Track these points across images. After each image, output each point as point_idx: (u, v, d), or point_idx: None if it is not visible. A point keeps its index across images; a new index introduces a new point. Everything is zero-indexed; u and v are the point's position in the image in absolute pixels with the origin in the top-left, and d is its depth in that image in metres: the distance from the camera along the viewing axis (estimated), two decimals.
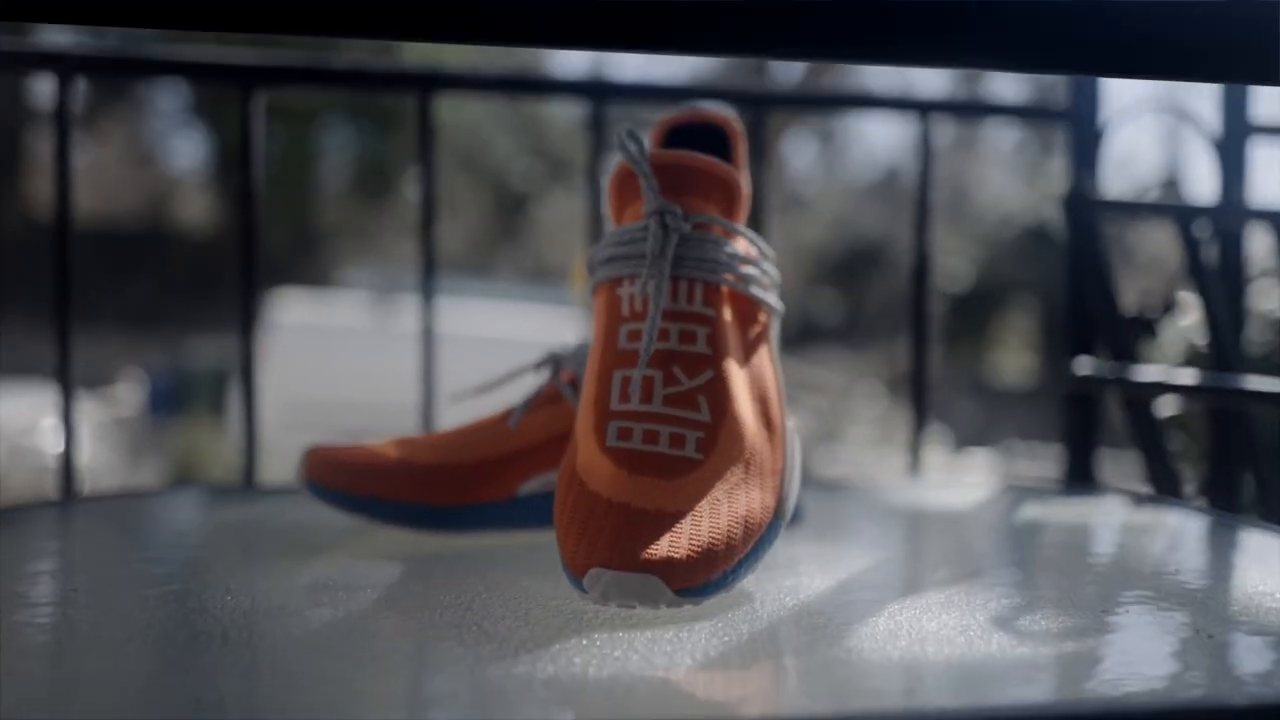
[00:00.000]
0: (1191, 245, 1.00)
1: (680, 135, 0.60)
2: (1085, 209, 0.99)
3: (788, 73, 8.86)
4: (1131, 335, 1.00)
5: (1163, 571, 0.56)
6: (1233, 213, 1.04)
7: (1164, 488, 0.88)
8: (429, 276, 0.98)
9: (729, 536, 0.46)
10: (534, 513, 0.59)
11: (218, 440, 5.29)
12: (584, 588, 0.43)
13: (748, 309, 0.54)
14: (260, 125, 0.93)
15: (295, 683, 0.35)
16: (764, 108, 0.99)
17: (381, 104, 10.27)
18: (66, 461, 0.89)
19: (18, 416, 6.12)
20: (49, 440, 6.39)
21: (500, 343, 6.84)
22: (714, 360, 0.51)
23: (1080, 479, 0.95)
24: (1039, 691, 0.36)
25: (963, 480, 0.83)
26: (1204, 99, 1.11)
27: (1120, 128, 1.08)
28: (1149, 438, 0.88)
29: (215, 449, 5.02)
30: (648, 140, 0.58)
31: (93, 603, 0.45)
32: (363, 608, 0.46)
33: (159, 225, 11.59)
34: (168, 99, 11.81)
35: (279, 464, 0.91)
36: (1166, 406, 1.08)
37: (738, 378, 0.51)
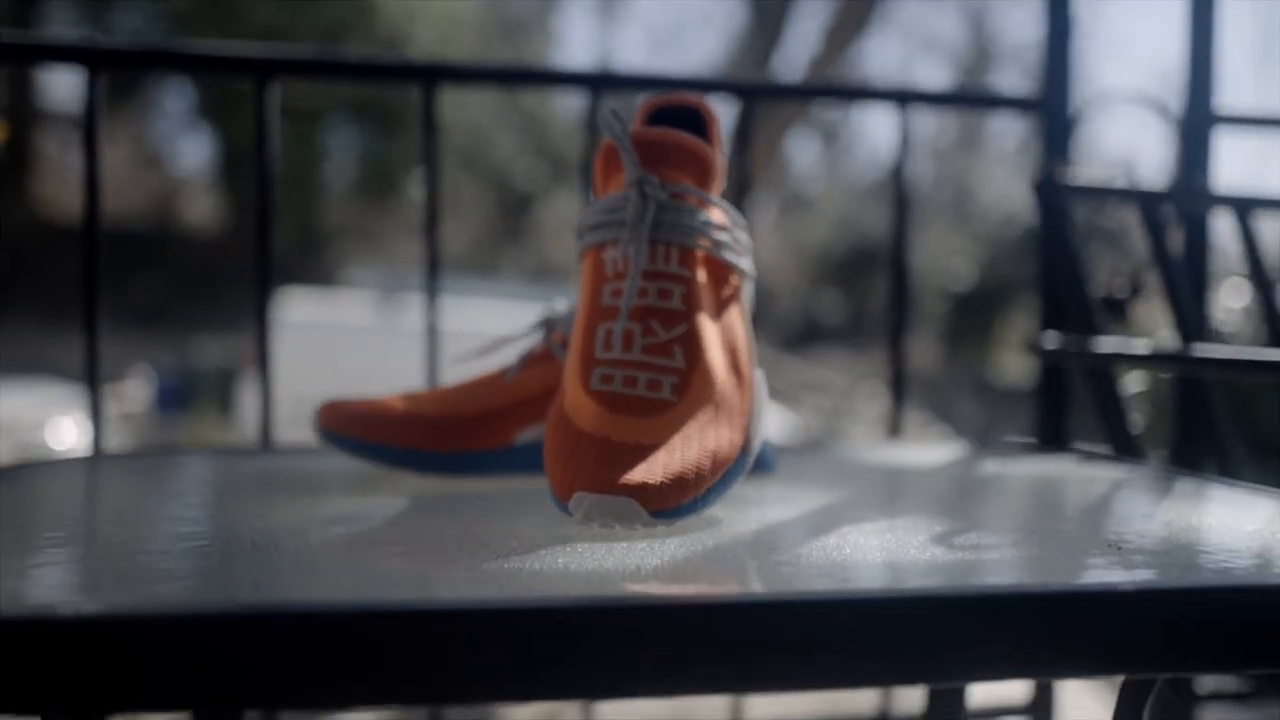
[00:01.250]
0: (1155, 229, 1.06)
1: (660, 117, 0.66)
2: (1055, 194, 1.05)
3: (789, 72, 8.92)
4: (1100, 314, 1.06)
5: (1095, 507, 0.62)
6: (1196, 197, 1.09)
7: (1122, 448, 0.93)
8: (433, 263, 1.04)
9: (699, 467, 0.51)
10: (529, 460, 0.65)
11: (225, 436, 5.35)
12: (569, 510, 0.49)
13: (720, 272, 0.60)
14: (275, 115, 0.99)
15: (318, 575, 0.41)
16: (753, 98, 1.05)
17: (385, 105, 10.35)
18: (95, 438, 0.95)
19: (25, 413, 6.19)
20: (55, 437, 6.46)
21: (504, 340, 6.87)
22: (688, 315, 0.57)
23: (1051, 442, 1.01)
24: (942, 581, 0.42)
25: (936, 442, 0.87)
26: (1171, 89, 1.16)
27: (1091, 117, 1.14)
28: (1108, 403, 0.93)
29: (220, 430, 5.08)
30: (631, 121, 0.63)
31: (130, 526, 0.51)
32: (373, 528, 0.52)
33: (165, 225, 11.68)
34: (174, 100, 11.89)
35: None
36: (1134, 383, 1.14)
37: (710, 331, 0.57)
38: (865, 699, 1.22)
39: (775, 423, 7.76)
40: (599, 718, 1.10)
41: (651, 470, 0.50)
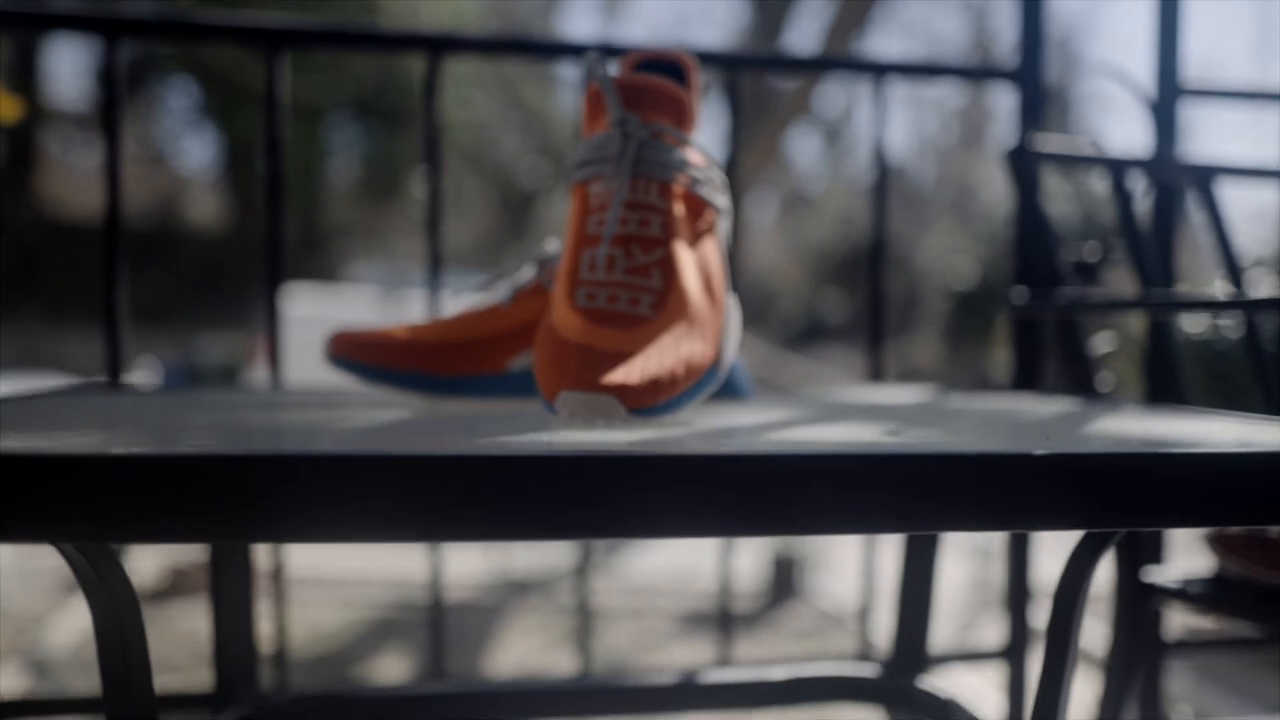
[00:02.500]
0: (1122, 194, 1.11)
1: (644, 67, 0.71)
2: (1027, 160, 1.10)
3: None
4: (1071, 275, 1.11)
5: (1043, 421, 0.67)
6: (1164, 165, 1.14)
7: (1084, 391, 0.99)
8: (435, 231, 1.09)
9: (674, 372, 0.57)
10: (521, 385, 0.70)
11: None
12: (555, 409, 0.55)
13: (697, 206, 0.66)
14: (285, 84, 1.05)
15: (318, 441, 0.47)
16: (737, 68, 1.10)
17: (388, 103, 10.41)
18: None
19: None
20: None
21: None
22: (665, 242, 0.62)
23: (1024, 387, 1.06)
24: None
25: (912, 387, 0.92)
26: (1140, 63, 1.21)
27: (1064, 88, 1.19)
28: (1072, 350, 0.99)
29: None
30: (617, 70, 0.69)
31: (150, 426, 0.56)
32: (378, 427, 0.57)
33: (170, 223, 11.75)
34: (177, 99, 11.96)
35: None
36: (1105, 342, 1.19)
37: (686, 257, 0.63)
38: (845, 642, 1.27)
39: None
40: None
41: (630, 372, 0.55)
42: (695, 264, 0.63)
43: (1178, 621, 4.32)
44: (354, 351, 0.69)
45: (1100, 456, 0.44)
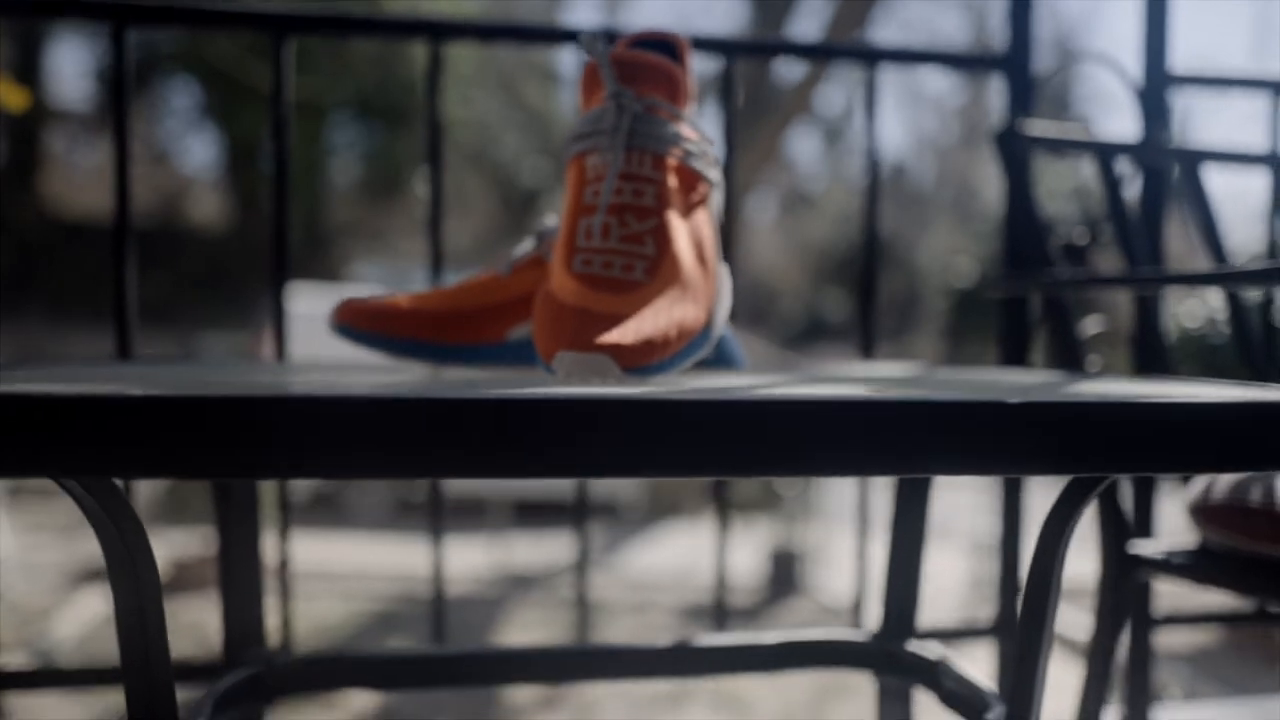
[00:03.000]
0: (1110, 179, 1.13)
1: (639, 46, 0.73)
2: (1015, 143, 1.12)
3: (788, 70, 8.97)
4: (1060, 258, 1.13)
5: (1027, 386, 0.69)
6: (1151, 150, 1.17)
7: (1068, 364, 1.01)
8: (438, 218, 1.11)
9: (667, 333, 0.59)
10: (520, 354, 0.73)
11: None
12: (553, 369, 0.57)
13: (690, 179, 0.68)
14: (290, 70, 1.07)
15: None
16: (732, 54, 1.12)
17: (390, 103, 10.43)
18: None
19: None
20: None
21: None
22: (659, 211, 0.64)
23: (1013, 363, 1.08)
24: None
25: (901, 361, 0.94)
26: (1128, 51, 1.24)
27: (1053, 74, 1.22)
28: (1058, 326, 1.01)
29: None
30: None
31: (159, 382, 0.59)
32: (379, 384, 0.60)
33: (172, 223, 11.78)
34: (180, 99, 12.00)
35: None
36: (1093, 324, 1.21)
37: (679, 226, 0.65)
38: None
39: None
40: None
41: (624, 333, 0.57)
42: (688, 233, 0.66)
43: (1181, 641, 4.33)
44: (358, 320, 0.72)
45: (1080, 404, 0.46)
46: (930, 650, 0.80)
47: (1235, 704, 1.40)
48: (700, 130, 0.69)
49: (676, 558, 5.97)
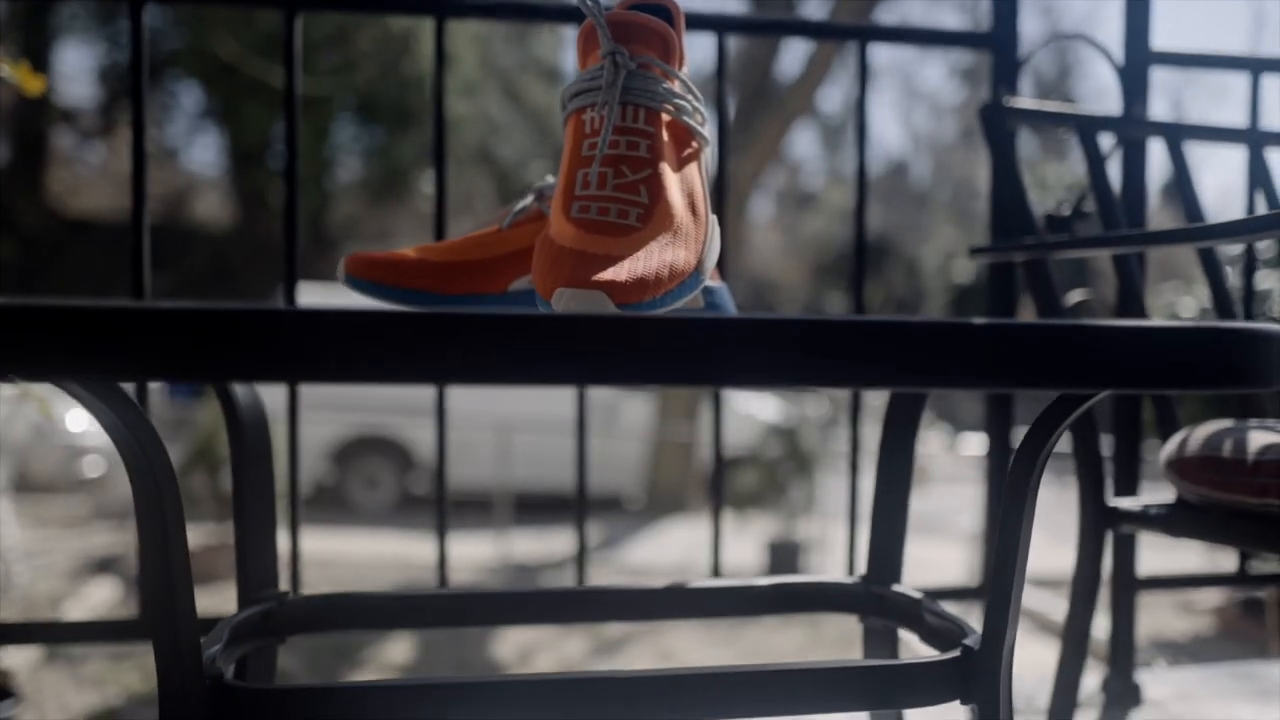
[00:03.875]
0: (1092, 152, 1.17)
1: (635, 9, 0.77)
2: (1001, 117, 1.16)
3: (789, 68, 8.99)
4: (1044, 227, 1.17)
5: None
6: (1132, 124, 1.20)
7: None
8: (441, 191, 1.15)
9: (658, 273, 0.63)
10: (521, 304, 0.76)
11: None
12: (551, 305, 0.61)
13: (682, 134, 0.72)
14: (299, 45, 1.11)
15: None
16: (724, 31, 1.16)
17: (393, 103, 10.49)
18: None
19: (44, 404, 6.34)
20: (72, 421, 6.58)
21: None
22: (652, 163, 0.68)
23: None
24: None
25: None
26: (1111, 30, 1.28)
27: (1037, 52, 1.26)
28: (1042, 295, 1.05)
29: None
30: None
31: None
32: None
33: (177, 222, 11.84)
34: (185, 99, 12.06)
35: None
36: (1076, 295, 1.25)
37: (671, 177, 0.69)
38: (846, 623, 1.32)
39: (771, 407, 7.91)
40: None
41: (619, 271, 0.61)
42: (679, 184, 0.69)
43: (1175, 627, 4.35)
44: (366, 271, 0.76)
45: (1054, 327, 0.50)
46: (913, 593, 0.83)
47: (1216, 668, 1.44)
48: (693, 90, 0.73)
49: (677, 552, 6.01)
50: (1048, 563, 2.79)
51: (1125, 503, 1.01)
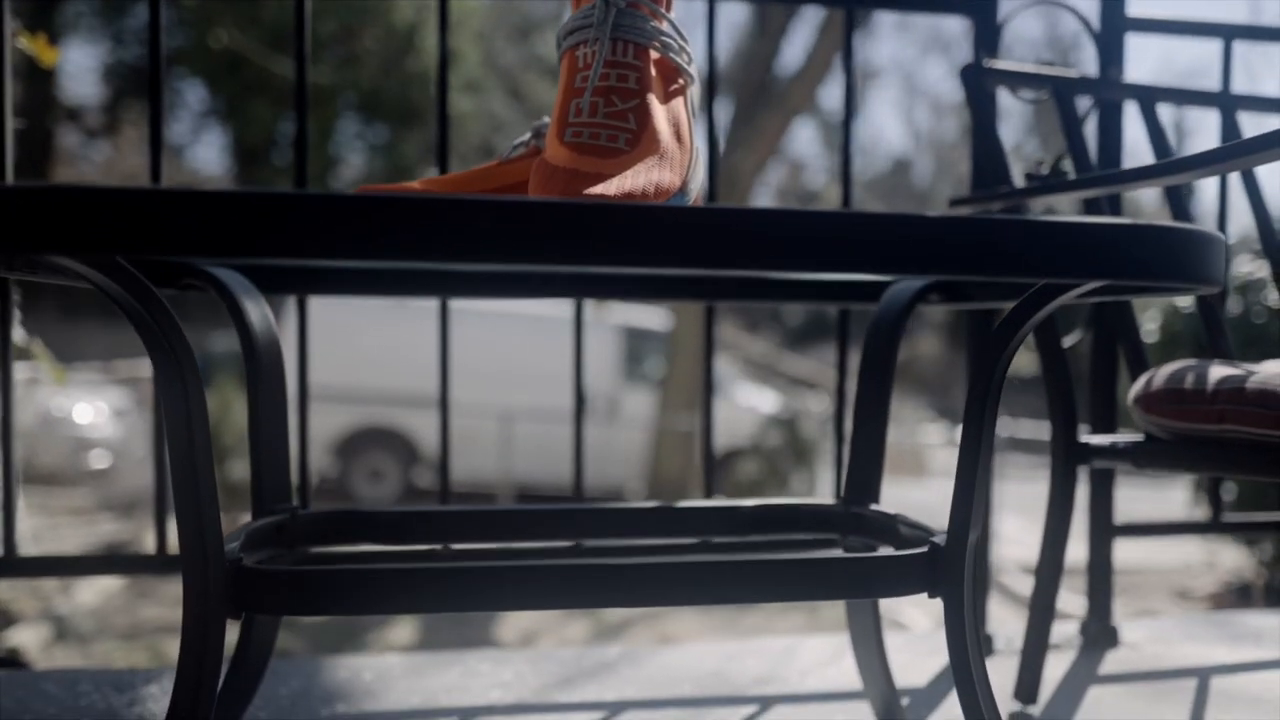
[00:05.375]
0: (1068, 113, 1.22)
1: None
2: (980, 78, 1.21)
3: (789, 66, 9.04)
4: (1025, 184, 1.22)
5: None
6: (1107, 85, 1.25)
7: None
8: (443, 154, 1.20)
9: (645, 190, 0.68)
10: None
11: (241, 409, 5.54)
12: None
13: (669, 72, 0.77)
14: (309, 20, 1.16)
15: None
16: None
17: (396, 100, 10.55)
18: None
19: (51, 395, 6.42)
20: (79, 414, 6.65)
21: (516, 318, 7.07)
22: (640, 94, 0.73)
23: None
24: None
25: None
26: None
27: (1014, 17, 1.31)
28: None
29: (240, 409, 5.30)
30: None
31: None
32: None
33: None
34: (190, 98, 12.13)
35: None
36: None
37: (658, 108, 0.74)
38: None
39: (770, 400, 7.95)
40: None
41: (608, 187, 0.66)
42: (666, 114, 0.74)
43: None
44: None
45: (1035, 220, 0.55)
46: (889, 510, 0.88)
47: (1193, 616, 1.48)
48: (680, 32, 0.78)
49: None
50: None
51: (1095, 439, 1.06)
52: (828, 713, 1.08)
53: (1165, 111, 1.24)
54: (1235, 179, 1.26)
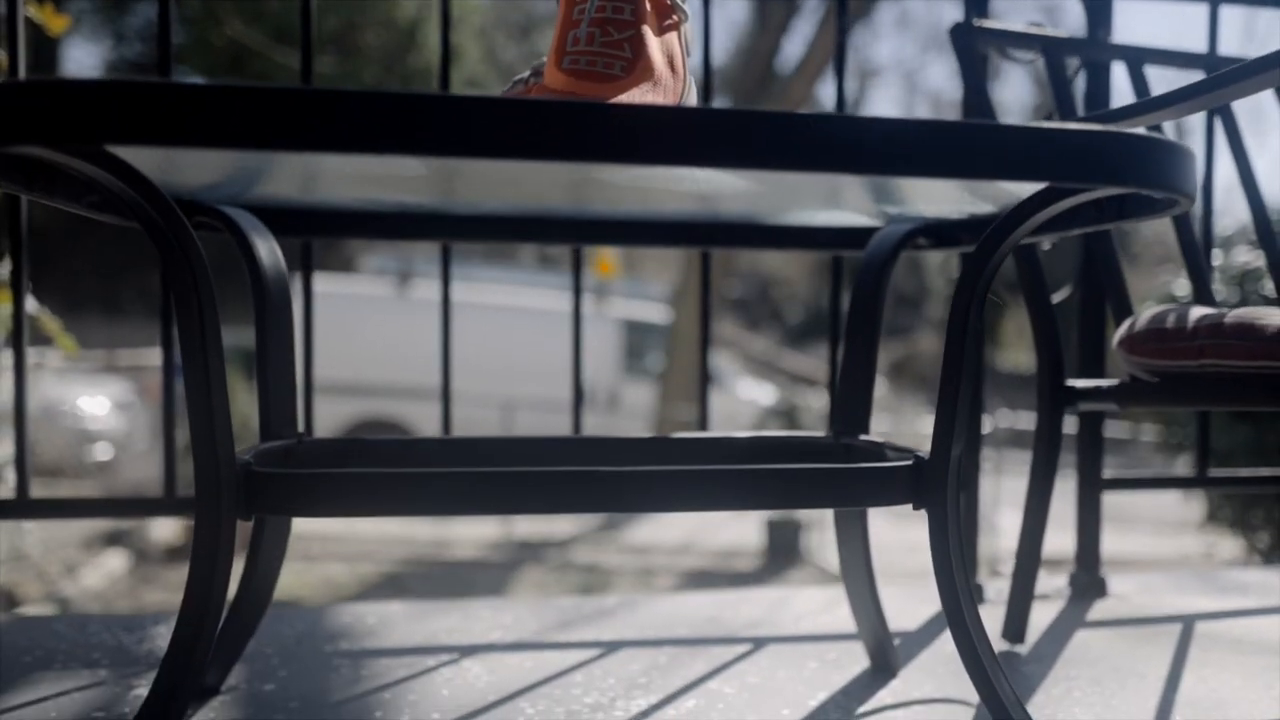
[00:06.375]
0: (1057, 73, 1.25)
1: None
2: (970, 37, 1.24)
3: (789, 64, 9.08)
4: None
5: None
6: (1095, 46, 1.28)
7: None
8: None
9: None
10: None
11: (249, 394, 5.59)
12: None
13: (663, 8, 0.80)
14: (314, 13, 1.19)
15: None
16: None
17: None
18: None
19: (54, 389, 6.45)
20: (84, 408, 6.68)
21: (517, 311, 7.10)
22: (635, 25, 0.76)
23: None
24: None
25: None
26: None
27: None
28: None
29: (248, 399, 5.35)
30: None
31: None
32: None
33: None
34: None
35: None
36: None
37: (652, 39, 0.77)
38: None
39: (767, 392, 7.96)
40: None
41: None
42: (660, 46, 0.77)
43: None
44: None
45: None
46: (877, 438, 0.91)
47: (1181, 570, 1.51)
48: None
49: (679, 533, 6.08)
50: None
51: (1080, 382, 1.08)
52: (820, 651, 1.10)
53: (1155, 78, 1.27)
54: (1233, 176, 1.27)
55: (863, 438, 0.93)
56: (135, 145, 0.53)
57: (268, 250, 0.89)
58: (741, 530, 5.54)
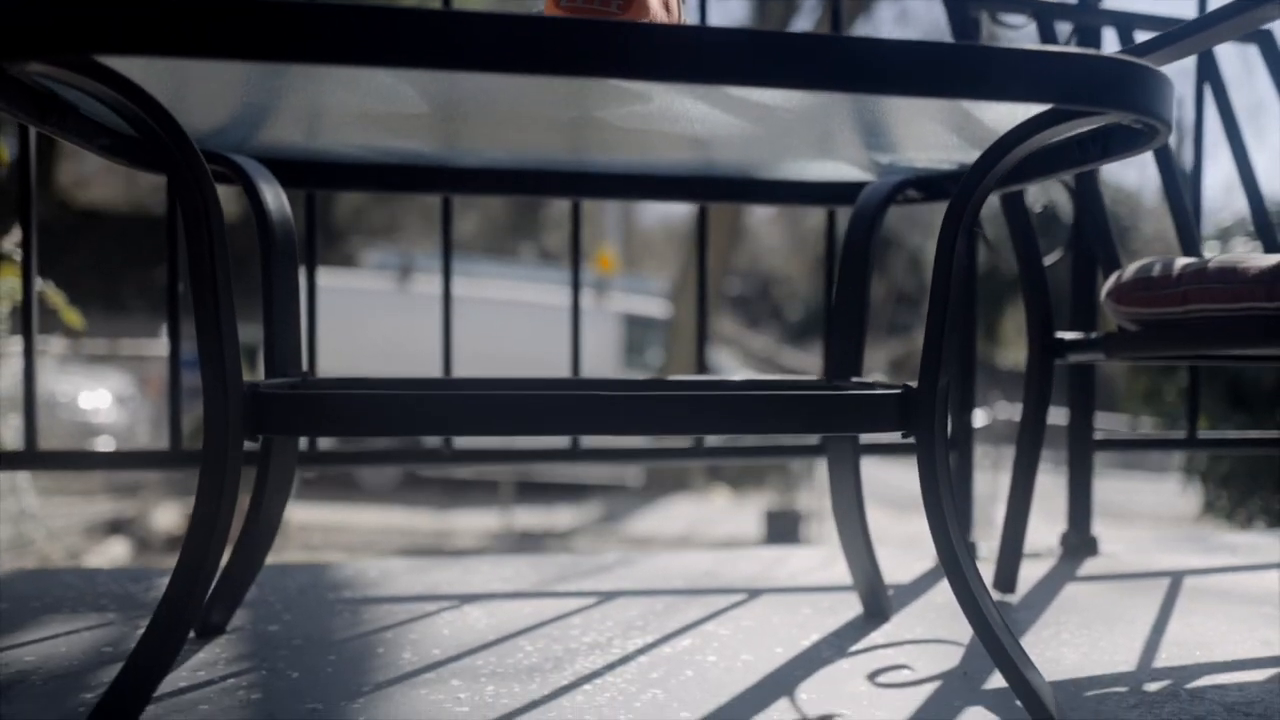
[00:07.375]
0: (1048, 37, 1.27)
1: None
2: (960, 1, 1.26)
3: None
4: None
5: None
6: (1086, 12, 1.30)
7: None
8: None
9: None
10: None
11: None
12: None
13: None
14: None
15: None
16: None
17: None
18: None
19: (55, 381, 6.48)
20: (87, 403, 6.71)
21: (518, 305, 7.12)
22: None
23: None
24: None
25: None
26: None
27: None
28: None
29: None
30: None
31: None
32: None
33: None
34: None
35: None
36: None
37: None
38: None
39: None
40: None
41: None
42: None
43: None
44: None
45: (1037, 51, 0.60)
46: (868, 378, 0.93)
47: (1172, 532, 1.53)
48: None
49: (680, 526, 6.11)
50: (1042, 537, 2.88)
51: (1068, 334, 1.11)
52: (814, 600, 1.12)
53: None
54: (1232, 172, 1.29)
55: (854, 379, 0.95)
56: (131, 55, 0.55)
57: (274, 196, 0.91)
58: (741, 521, 5.56)
